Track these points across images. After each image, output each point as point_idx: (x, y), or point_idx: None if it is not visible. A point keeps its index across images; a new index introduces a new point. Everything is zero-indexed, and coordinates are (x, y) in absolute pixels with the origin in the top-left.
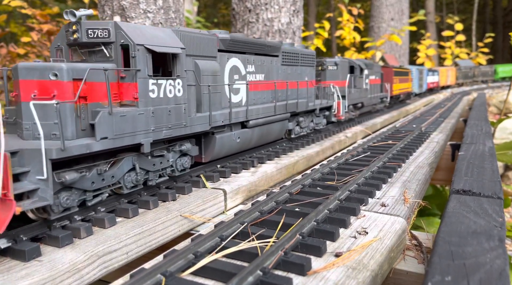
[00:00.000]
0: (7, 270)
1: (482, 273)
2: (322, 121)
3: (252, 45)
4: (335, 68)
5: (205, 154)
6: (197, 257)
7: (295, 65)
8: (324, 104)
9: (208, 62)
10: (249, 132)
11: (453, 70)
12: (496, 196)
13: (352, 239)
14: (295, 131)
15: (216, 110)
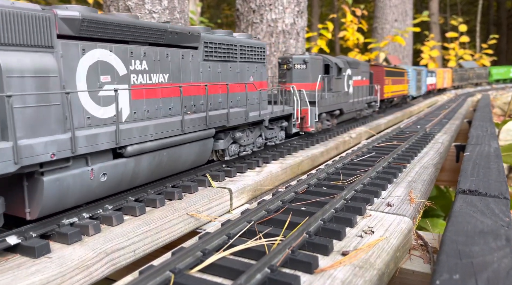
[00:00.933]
0: (17, 267)
1: (490, 272)
2: (278, 135)
3: (136, 30)
4: (304, 67)
5: (30, 206)
6: (205, 255)
7: (231, 60)
8: (277, 113)
9: (27, 56)
10: (127, 165)
11: (450, 72)
12: (502, 196)
13: (359, 238)
14: (230, 151)
15: (43, 134)
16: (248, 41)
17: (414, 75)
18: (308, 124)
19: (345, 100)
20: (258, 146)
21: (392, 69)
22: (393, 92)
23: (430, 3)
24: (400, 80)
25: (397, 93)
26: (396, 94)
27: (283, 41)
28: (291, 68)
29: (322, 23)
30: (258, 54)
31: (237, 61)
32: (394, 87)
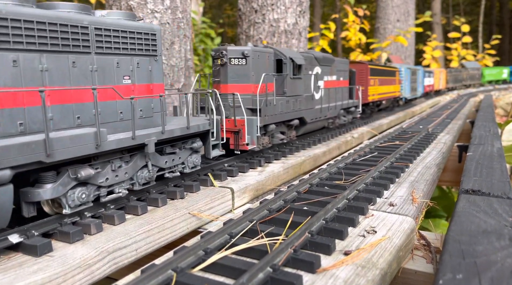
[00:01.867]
0: (19, 265)
1: (494, 272)
2: (188, 160)
3: None
4: (243, 62)
5: None
6: (207, 254)
7: (75, 52)
8: (176, 132)
9: None
10: None
11: (444, 73)
12: (505, 196)
13: (361, 238)
14: (70, 199)
15: None
16: (119, 23)
17: (408, 74)
18: (244, 140)
19: (308, 106)
20: (141, 183)
21: (379, 68)
22: (381, 94)
23: (433, 3)
24: (390, 80)
25: (386, 95)
26: (384, 96)
27: (285, 41)
28: (225, 63)
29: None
30: (142, 43)
31: (91, 52)
32: (383, 89)
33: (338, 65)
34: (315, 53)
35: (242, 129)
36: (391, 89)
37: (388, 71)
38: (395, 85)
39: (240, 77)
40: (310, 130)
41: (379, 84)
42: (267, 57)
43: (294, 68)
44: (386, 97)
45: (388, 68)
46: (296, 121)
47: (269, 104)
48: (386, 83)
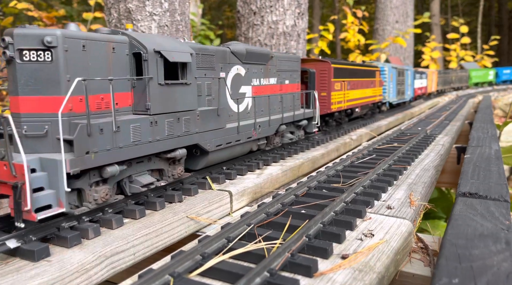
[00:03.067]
0: (17, 270)
1: (490, 276)
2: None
3: None
4: (48, 58)
5: None
6: (204, 258)
7: None
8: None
9: None
10: None
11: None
12: (503, 199)
13: (358, 241)
14: None
15: None
16: None
17: (394, 75)
18: (26, 204)
19: (212, 126)
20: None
21: (350, 67)
22: (354, 100)
23: (431, 4)
24: (368, 82)
25: (361, 101)
26: (359, 102)
27: (284, 43)
28: (12, 60)
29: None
30: None
31: None
32: (356, 93)
33: (280, 64)
34: (235, 46)
35: (23, 187)
36: (368, 93)
37: (365, 71)
38: (375, 88)
39: (41, 83)
40: (220, 160)
41: (351, 88)
42: (111, 49)
43: (168, 68)
44: (361, 103)
45: (364, 67)
46: (180, 152)
47: (98, 131)
48: (362, 85)
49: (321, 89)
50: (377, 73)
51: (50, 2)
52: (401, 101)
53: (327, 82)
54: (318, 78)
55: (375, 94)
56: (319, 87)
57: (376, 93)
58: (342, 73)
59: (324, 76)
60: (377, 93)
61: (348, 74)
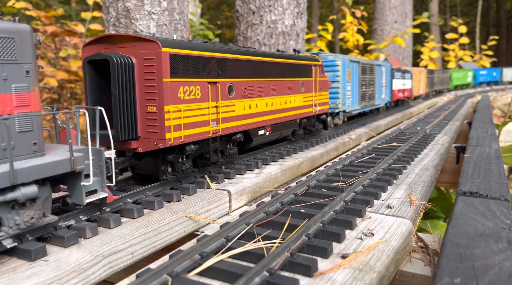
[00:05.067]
0: (13, 270)
1: (491, 275)
2: None
3: None
4: None
5: None
6: (203, 258)
7: None
8: None
9: None
10: None
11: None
12: (503, 198)
13: (358, 241)
14: None
15: None
16: None
17: (355, 72)
18: None
19: None
20: None
21: (238, 57)
22: (250, 118)
23: (430, 5)
24: (292, 86)
25: (274, 118)
26: (267, 119)
27: (283, 43)
28: None
29: (322, 24)
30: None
31: None
32: (260, 104)
33: None
34: None
35: None
36: (295, 101)
37: (285, 66)
38: (309, 94)
39: None
40: None
41: (247, 95)
42: None
43: None
44: (274, 121)
45: (283, 59)
46: None
47: None
48: (278, 90)
49: (147, 98)
50: (314, 69)
51: (49, 1)
52: (370, 108)
53: (157, 85)
54: (139, 76)
55: (311, 103)
56: (142, 95)
57: (316, 100)
58: (208, 67)
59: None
60: (319, 100)
61: (237, 69)
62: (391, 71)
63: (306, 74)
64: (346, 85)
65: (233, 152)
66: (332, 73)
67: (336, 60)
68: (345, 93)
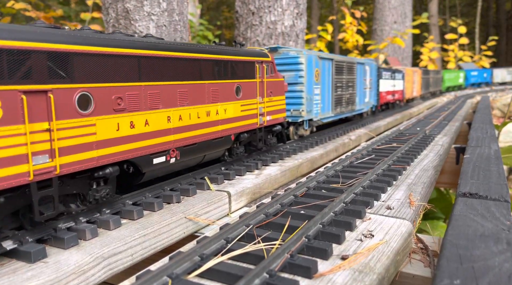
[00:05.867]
0: (13, 272)
1: (491, 277)
2: None
3: None
4: None
5: None
6: (203, 259)
7: None
8: None
9: None
10: None
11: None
12: (503, 199)
13: (358, 242)
14: None
15: None
16: None
17: (325, 71)
18: None
19: None
20: None
21: (118, 52)
22: (134, 142)
23: (430, 5)
24: (223, 90)
25: (186, 136)
26: (170, 140)
27: (283, 43)
28: None
29: (321, 25)
30: None
31: None
32: (159, 119)
33: None
34: None
35: None
36: (220, 113)
37: (202, 62)
38: (247, 102)
39: None
40: None
41: (125, 109)
42: None
43: None
44: (187, 141)
45: (196, 55)
46: None
47: None
48: (194, 98)
49: None
50: (260, 67)
51: (48, 2)
52: (348, 114)
53: None
54: None
55: (254, 112)
56: None
57: (264, 108)
58: (26, 66)
59: None
60: (269, 107)
61: (100, 69)
62: (377, 70)
63: (245, 74)
64: (313, 88)
65: (102, 196)
66: (295, 73)
67: (299, 57)
68: (311, 97)
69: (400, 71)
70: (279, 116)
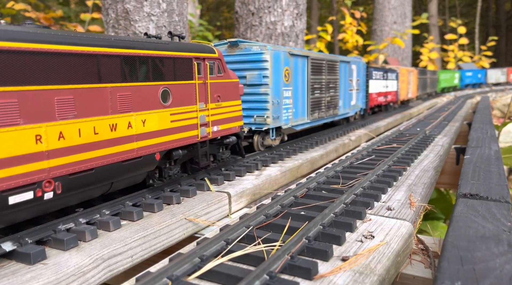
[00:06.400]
0: (12, 273)
1: (492, 278)
2: None
3: None
4: None
5: None
6: (203, 261)
7: None
8: None
9: None
10: None
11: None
12: (504, 200)
13: (359, 243)
14: None
15: None
16: None
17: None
18: None
19: None
20: None
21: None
22: None
23: (429, 5)
24: (143, 94)
25: (57, 164)
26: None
27: (282, 44)
28: None
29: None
30: None
31: None
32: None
33: None
34: None
35: None
36: (134, 126)
37: (102, 59)
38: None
39: None
40: None
41: None
42: None
43: None
44: (57, 172)
45: (89, 49)
46: None
47: None
48: (87, 108)
49: None
50: (199, 66)
51: (48, 3)
52: (329, 119)
53: None
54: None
55: (194, 122)
56: None
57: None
58: None
59: None
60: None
61: None
62: (366, 70)
63: (176, 74)
64: (282, 90)
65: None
66: (257, 73)
67: (263, 53)
68: (279, 101)
69: (393, 70)
70: (232, 126)
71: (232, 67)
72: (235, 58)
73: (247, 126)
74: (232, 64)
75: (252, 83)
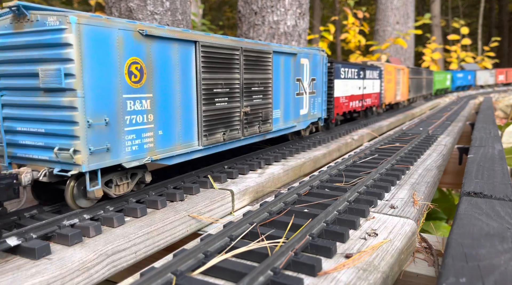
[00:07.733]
0: (17, 268)
1: (497, 275)
2: None
3: None
4: None
5: None
6: (207, 257)
7: None
8: None
9: None
10: None
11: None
12: (508, 198)
13: (362, 241)
14: None
15: None
16: None
17: (180, 65)
18: None
19: None
20: None
21: None
22: None
23: (432, 6)
24: None
25: None
26: None
27: (285, 43)
28: None
29: (324, 25)
30: None
31: None
32: None
33: None
34: None
35: None
36: None
37: None
38: None
39: None
40: None
41: None
42: None
43: None
44: None
45: None
46: None
47: None
48: None
49: None
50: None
51: (51, 2)
52: (254, 139)
53: None
54: None
55: None
56: None
57: None
58: None
59: None
60: None
61: None
62: (327, 65)
63: None
64: (121, 100)
65: None
66: (54, 67)
67: (63, 29)
68: (112, 119)
69: (375, 67)
70: None
71: (17, 56)
72: (22, 39)
73: (47, 164)
74: (16, 51)
75: (48, 86)
